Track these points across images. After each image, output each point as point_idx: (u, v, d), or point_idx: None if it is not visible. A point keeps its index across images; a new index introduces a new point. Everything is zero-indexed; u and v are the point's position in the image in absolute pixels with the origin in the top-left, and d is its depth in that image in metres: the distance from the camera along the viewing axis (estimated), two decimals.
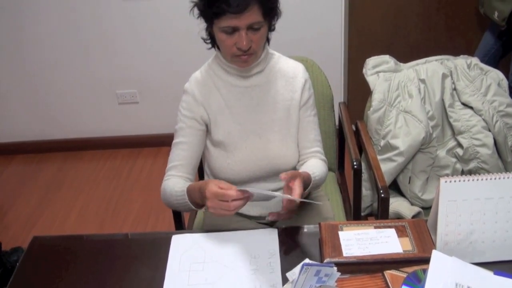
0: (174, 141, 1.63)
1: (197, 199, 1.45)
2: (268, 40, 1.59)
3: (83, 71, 3.25)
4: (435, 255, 1.22)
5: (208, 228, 1.74)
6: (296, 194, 1.30)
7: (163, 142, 3.32)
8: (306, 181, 1.48)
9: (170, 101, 3.31)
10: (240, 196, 1.29)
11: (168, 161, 1.64)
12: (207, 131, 1.64)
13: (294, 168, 1.70)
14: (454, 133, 2.07)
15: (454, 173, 2.05)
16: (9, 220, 2.94)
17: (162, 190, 1.60)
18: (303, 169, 1.62)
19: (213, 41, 1.56)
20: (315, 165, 1.63)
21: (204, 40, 1.57)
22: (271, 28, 1.55)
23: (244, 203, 1.31)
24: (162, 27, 3.08)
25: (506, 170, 2.06)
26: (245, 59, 1.49)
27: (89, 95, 3.35)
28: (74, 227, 2.84)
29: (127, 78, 3.27)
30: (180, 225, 1.92)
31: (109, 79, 3.28)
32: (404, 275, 1.19)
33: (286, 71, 1.64)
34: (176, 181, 1.57)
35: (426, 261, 1.22)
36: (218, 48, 1.57)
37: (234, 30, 1.41)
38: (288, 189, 1.35)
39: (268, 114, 1.62)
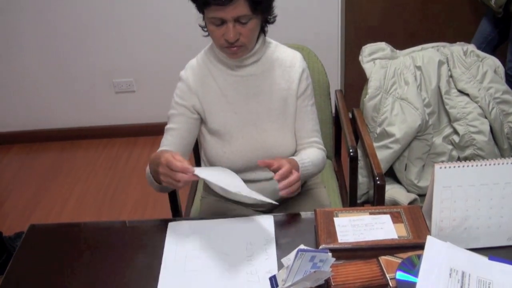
0: (166, 126, 1.65)
1: (153, 171, 1.46)
2: (264, 32, 1.58)
3: (79, 60, 3.24)
4: (430, 241, 1.23)
5: (205, 216, 1.75)
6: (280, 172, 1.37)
7: (160, 130, 3.25)
8: (294, 165, 1.49)
9: (166, 89, 3.27)
10: (184, 171, 1.29)
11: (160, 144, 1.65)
12: (202, 119, 1.64)
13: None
14: (450, 120, 2.07)
15: (450, 160, 2.06)
16: (7, 209, 2.95)
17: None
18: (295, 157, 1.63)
19: None
20: (307, 153, 1.63)
21: (202, 27, 1.56)
22: (268, 21, 1.55)
23: (189, 178, 1.31)
24: (158, 15, 3.07)
25: (502, 156, 2.07)
26: (233, 51, 1.48)
27: (85, 84, 3.34)
28: (72, 216, 2.84)
29: (123, 66, 3.26)
30: (177, 213, 1.93)
31: (105, 68, 3.27)
32: (399, 261, 1.20)
33: (284, 60, 1.62)
34: None
35: (421, 247, 1.23)
36: None
37: (222, 22, 1.41)
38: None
39: (264, 103, 1.61)
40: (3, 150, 3.51)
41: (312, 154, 1.63)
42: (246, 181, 1.69)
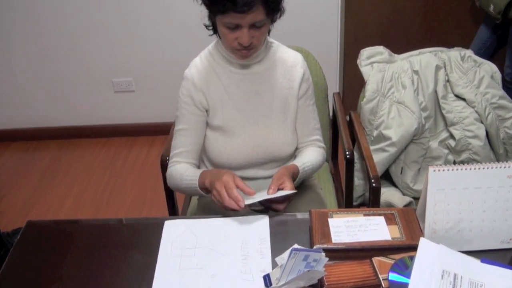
0: (176, 128, 1.66)
1: (207, 183, 1.50)
2: (268, 31, 1.61)
3: (79, 59, 3.25)
4: (423, 242, 1.24)
5: (201, 215, 1.76)
6: (287, 188, 1.46)
7: (159, 130, 3.33)
8: (294, 175, 1.58)
9: (165, 89, 3.31)
10: (235, 200, 1.39)
11: (171, 148, 1.68)
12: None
13: (291, 155, 1.73)
14: (447, 124, 2.08)
15: (446, 164, 2.06)
16: (5, 207, 2.95)
17: (169, 175, 1.65)
18: (298, 159, 1.68)
19: (215, 28, 1.57)
20: (308, 155, 1.69)
21: (206, 26, 1.58)
22: (274, 20, 1.57)
23: (233, 206, 1.40)
24: (158, 15, 3.08)
25: (498, 161, 2.07)
26: (245, 53, 1.52)
27: (85, 83, 3.35)
28: (69, 214, 2.85)
29: (123, 66, 3.27)
30: (174, 212, 1.94)
31: (105, 67, 3.28)
32: (392, 262, 1.21)
33: (285, 60, 1.66)
34: (186, 167, 1.62)
35: (414, 248, 1.23)
36: (220, 36, 1.58)
37: (237, 26, 1.43)
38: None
39: (266, 101, 1.64)
40: (2, 147, 3.52)
41: (313, 157, 1.69)
42: (245, 179, 1.71)
